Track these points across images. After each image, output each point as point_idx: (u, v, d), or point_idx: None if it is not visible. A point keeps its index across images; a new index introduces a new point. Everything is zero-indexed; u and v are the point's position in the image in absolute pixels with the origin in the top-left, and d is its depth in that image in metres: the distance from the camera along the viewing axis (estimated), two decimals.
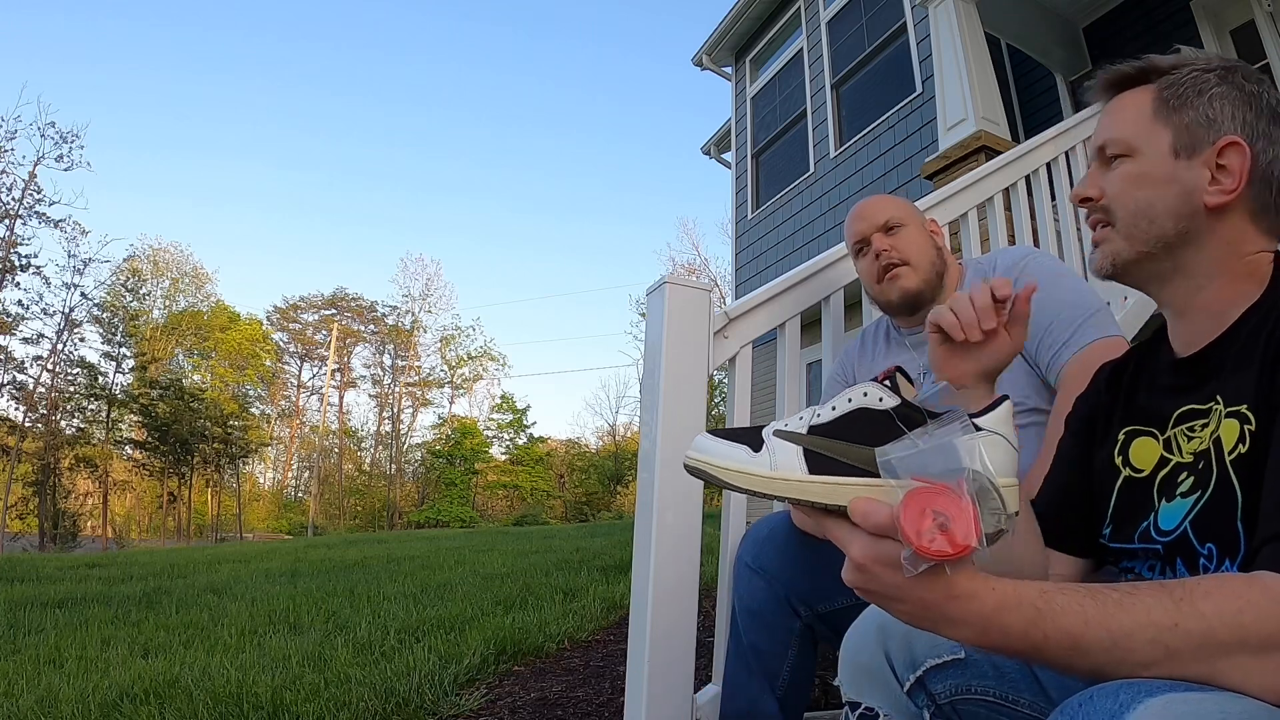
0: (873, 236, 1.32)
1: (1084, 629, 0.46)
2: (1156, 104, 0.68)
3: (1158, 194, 0.66)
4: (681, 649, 1.24)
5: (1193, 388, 0.65)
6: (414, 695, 1.92)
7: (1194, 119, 0.65)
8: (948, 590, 0.48)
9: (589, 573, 4.04)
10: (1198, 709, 0.42)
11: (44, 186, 25.73)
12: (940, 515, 0.45)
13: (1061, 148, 2.53)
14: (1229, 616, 0.45)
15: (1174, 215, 0.66)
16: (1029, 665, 0.64)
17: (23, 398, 20.01)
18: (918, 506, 0.46)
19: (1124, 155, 0.69)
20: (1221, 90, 0.66)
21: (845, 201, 5.83)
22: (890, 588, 0.49)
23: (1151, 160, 0.67)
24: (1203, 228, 0.65)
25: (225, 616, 3.43)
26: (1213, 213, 0.64)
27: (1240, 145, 0.63)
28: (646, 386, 1.38)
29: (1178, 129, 0.66)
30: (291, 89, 51.34)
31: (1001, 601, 0.48)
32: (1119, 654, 0.46)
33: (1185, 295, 0.67)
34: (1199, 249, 0.66)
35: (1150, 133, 0.67)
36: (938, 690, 0.63)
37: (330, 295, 34.81)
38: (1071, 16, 4.95)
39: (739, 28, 7.29)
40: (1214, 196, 0.64)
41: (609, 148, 57.94)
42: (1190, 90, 0.66)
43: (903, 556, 0.46)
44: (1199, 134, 0.65)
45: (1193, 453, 0.62)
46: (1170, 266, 0.67)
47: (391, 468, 33.49)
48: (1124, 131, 0.69)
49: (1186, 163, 0.65)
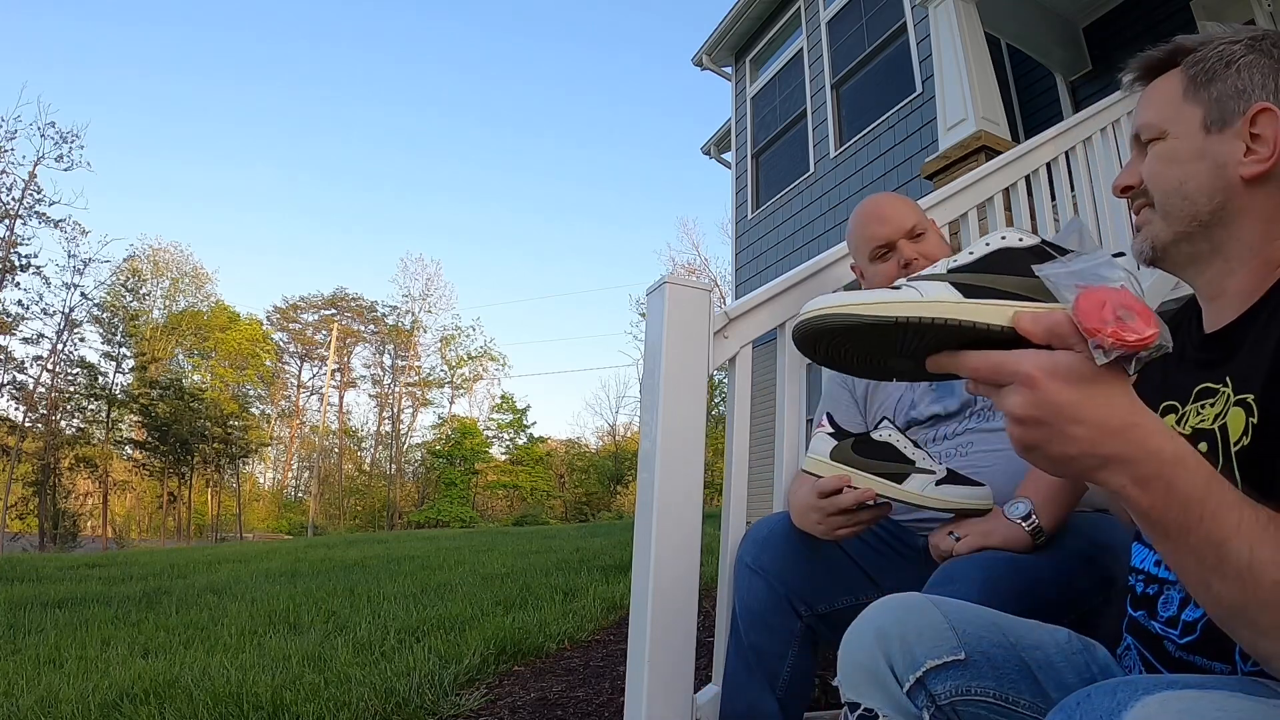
0: (900, 242, 1.30)
1: (1233, 534, 0.43)
2: (1185, 83, 0.67)
3: (1190, 170, 0.65)
4: (681, 649, 1.24)
5: (1212, 364, 0.64)
6: (414, 695, 1.92)
7: (1223, 91, 0.64)
8: (1130, 413, 0.44)
9: (589, 573, 4.04)
10: (1194, 706, 0.42)
11: (44, 186, 25.80)
12: (1121, 307, 0.43)
13: (1061, 148, 2.53)
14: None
15: (1208, 191, 0.64)
16: (1029, 667, 0.63)
17: (23, 398, 20.02)
18: (1096, 299, 0.44)
19: (1157, 139, 0.68)
20: (1250, 59, 0.64)
21: (845, 201, 5.83)
22: (1066, 406, 0.44)
23: (1183, 138, 0.66)
24: (1239, 203, 0.63)
25: (225, 616, 3.43)
26: (1250, 185, 0.63)
27: (1273, 111, 0.62)
28: (646, 386, 1.38)
29: (1208, 104, 0.65)
30: (291, 89, 51.40)
31: (1180, 454, 0.44)
32: (1249, 578, 0.42)
33: (1220, 279, 0.66)
34: (1236, 228, 0.64)
35: (1181, 112, 0.66)
36: (938, 691, 0.63)
37: (330, 295, 34.86)
38: (1071, 16, 4.95)
39: (739, 28, 7.29)
40: (1249, 166, 0.62)
41: (609, 148, 58.04)
42: (1217, 64, 0.65)
43: (1090, 346, 0.43)
44: (1229, 105, 0.64)
45: (1194, 428, 0.62)
46: (1207, 248, 0.66)
47: (391, 468, 33.49)
48: (1156, 115, 0.68)
49: (1219, 136, 0.64)
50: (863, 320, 0.49)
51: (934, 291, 0.49)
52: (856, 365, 0.56)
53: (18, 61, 37.41)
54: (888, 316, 0.48)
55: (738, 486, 1.44)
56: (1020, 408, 0.46)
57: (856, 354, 0.54)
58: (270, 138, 52.49)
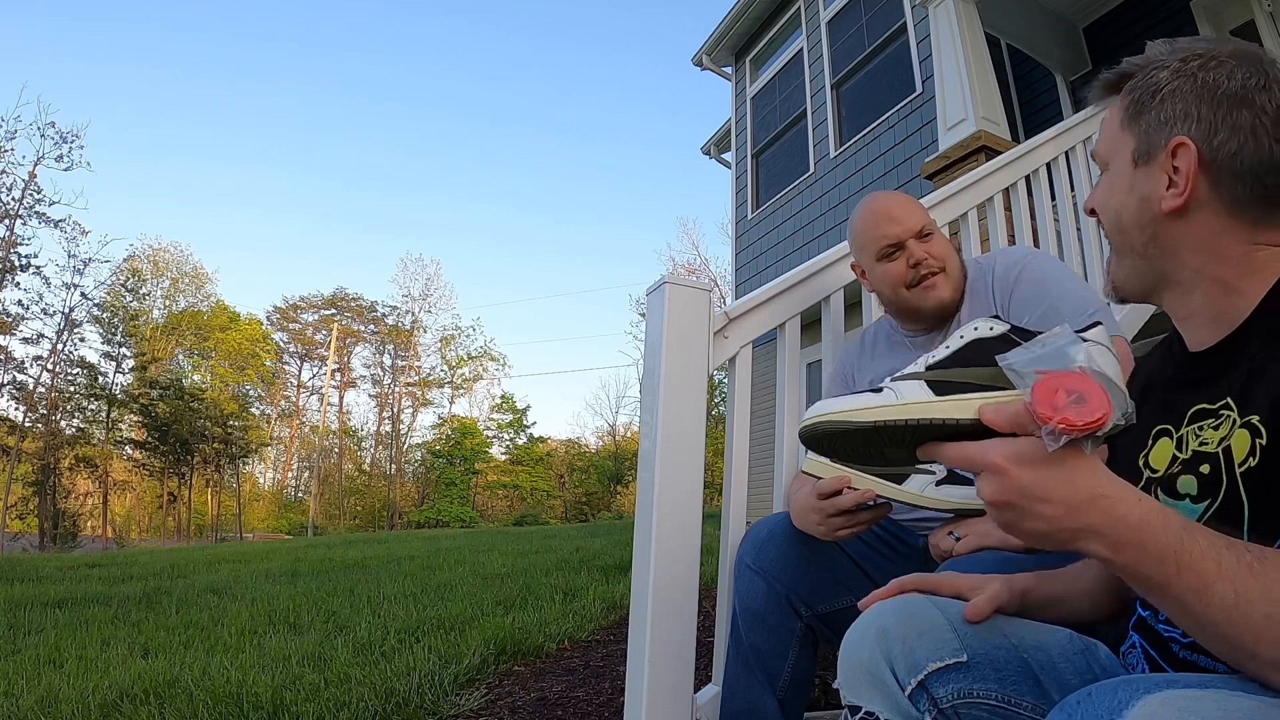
0: (909, 242, 1.29)
1: (1215, 580, 0.45)
2: (1123, 114, 0.67)
3: (1123, 204, 0.66)
4: (681, 649, 1.24)
5: (1203, 383, 0.64)
6: (414, 695, 1.92)
7: (1150, 123, 0.64)
8: (1093, 487, 0.47)
9: (589, 573, 4.04)
10: (1196, 706, 0.42)
11: (44, 186, 25.83)
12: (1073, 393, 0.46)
13: (1061, 148, 2.53)
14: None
15: (1138, 225, 0.65)
16: (1031, 669, 0.63)
17: (23, 398, 20.01)
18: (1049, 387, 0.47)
19: (1104, 168, 0.69)
20: (1174, 86, 0.63)
21: (845, 201, 5.83)
22: (1031, 488, 0.48)
23: (1118, 171, 0.67)
24: (1171, 234, 0.64)
25: (225, 616, 3.42)
26: (1175, 217, 0.63)
27: (1187, 145, 0.61)
28: (646, 386, 1.38)
29: (1139, 136, 0.65)
30: (291, 89, 51.40)
31: (1146, 517, 0.47)
32: (1236, 616, 0.44)
33: (1180, 303, 0.67)
34: (1174, 256, 0.64)
35: (1118, 143, 0.67)
36: (939, 694, 0.63)
37: (330, 295, 34.89)
38: (1071, 16, 4.95)
39: (739, 28, 7.29)
40: (1169, 201, 0.62)
41: (609, 148, 58.06)
42: (1146, 94, 0.65)
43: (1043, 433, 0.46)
44: (1155, 138, 0.64)
45: (1194, 451, 0.62)
46: (1156, 278, 0.66)
47: (391, 468, 33.49)
48: (1102, 144, 0.70)
49: (1145, 169, 0.64)
50: (848, 426, 0.55)
51: (909, 392, 0.55)
52: (860, 456, 0.61)
53: (18, 61, 37.45)
54: (867, 422, 0.54)
55: (738, 486, 1.44)
56: (992, 494, 0.50)
57: (855, 449, 0.59)
58: (270, 138, 52.58)
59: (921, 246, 1.29)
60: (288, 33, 49.48)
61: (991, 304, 1.27)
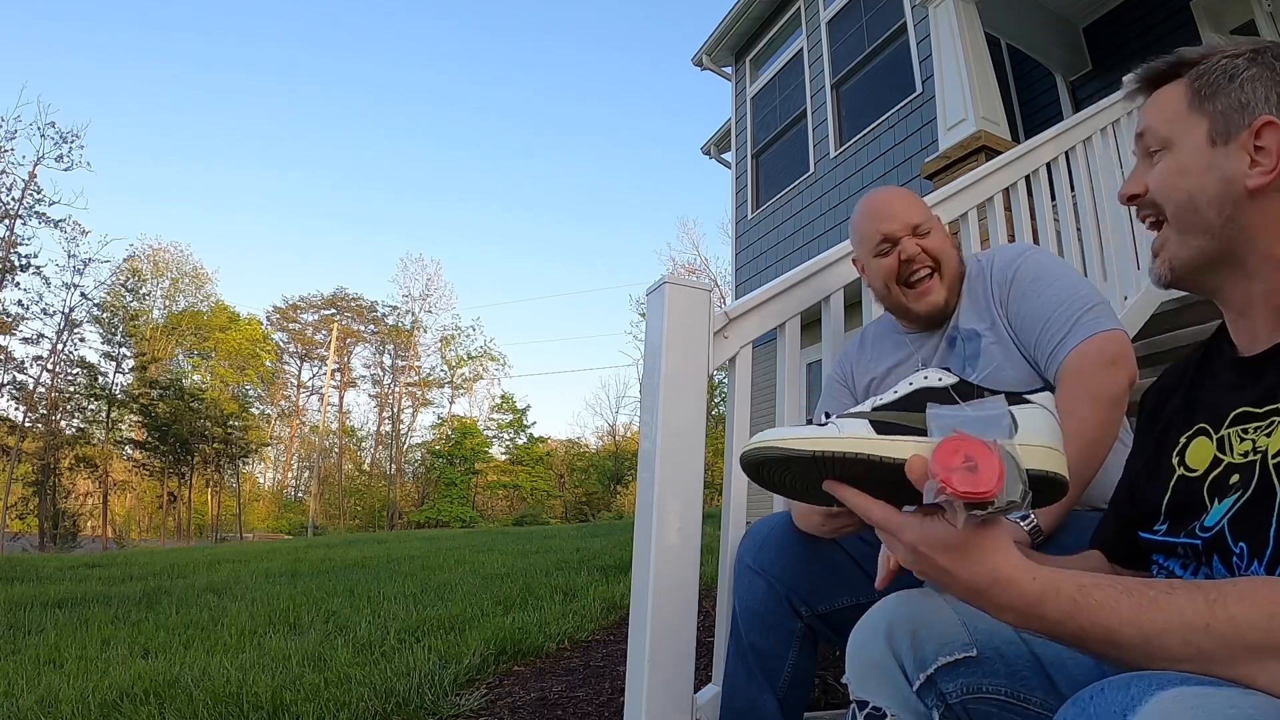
0: (903, 239, 1.28)
1: (1119, 626, 0.48)
2: (1190, 95, 0.68)
3: (1198, 183, 0.66)
4: (681, 649, 1.24)
5: (1251, 387, 0.64)
6: (414, 695, 1.92)
7: (1227, 104, 0.65)
8: (992, 575, 0.51)
9: (589, 573, 4.04)
10: (1208, 703, 0.42)
11: (44, 186, 25.89)
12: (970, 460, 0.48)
13: (1062, 148, 2.53)
14: (1261, 621, 0.45)
15: (1217, 204, 0.65)
16: (1041, 664, 0.63)
17: (23, 398, 19.99)
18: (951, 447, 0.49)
19: (1163, 149, 0.69)
20: (1253, 73, 0.65)
21: (845, 201, 5.83)
22: (938, 570, 0.52)
23: (1189, 151, 0.67)
24: (1249, 214, 0.64)
25: (225, 616, 3.42)
26: (1257, 196, 0.63)
27: (1276, 124, 0.63)
28: (646, 387, 1.38)
29: (1212, 117, 0.66)
30: (291, 90, 51.41)
31: (1042, 592, 0.50)
32: (1152, 651, 0.47)
33: (1245, 291, 0.67)
34: (1249, 238, 0.65)
35: (1186, 124, 0.67)
36: (948, 689, 0.63)
37: (330, 295, 34.86)
38: (1071, 16, 4.95)
39: (739, 28, 7.29)
40: (1255, 179, 0.63)
41: (609, 148, 58.07)
42: (1221, 77, 0.66)
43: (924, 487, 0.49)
44: (1234, 119, 0.65)
45: (1244, 454, 0.62)
46: (1225, 262, 0.66)
47: (391, 468, 33.48)
48: (1162, 125, 0.69)
49: (1224, 149, 0.65)
50: (787, 453, 0.57)
51: (851, 429, 0.57)
52: (799, 490, 0.63)
53: (18, 61, 37.42)
54: (807, 451, 0.56)
55: (738, 486, 1.44)
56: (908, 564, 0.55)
57: (793, 480, 0.61)
58: (270, 138, 52.58)
59: (916, 243, 1.27)
60: (288, 33, 49.53)
61: (989, 301, 1.26)
